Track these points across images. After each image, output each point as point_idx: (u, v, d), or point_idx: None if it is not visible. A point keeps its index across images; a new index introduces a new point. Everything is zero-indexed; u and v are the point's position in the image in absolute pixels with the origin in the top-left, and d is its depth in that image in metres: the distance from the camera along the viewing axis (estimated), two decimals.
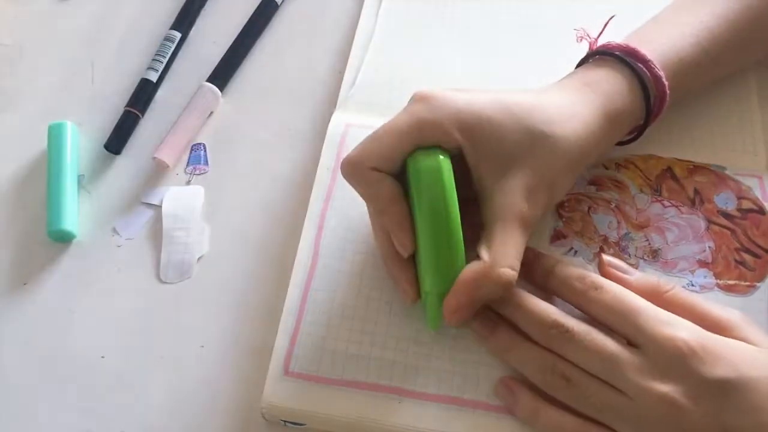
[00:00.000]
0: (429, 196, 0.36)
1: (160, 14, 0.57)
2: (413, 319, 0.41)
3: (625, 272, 0.40)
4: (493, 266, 0.36)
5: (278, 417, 0.39)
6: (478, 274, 0.36)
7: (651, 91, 0.42)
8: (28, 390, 0.42)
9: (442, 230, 0.36)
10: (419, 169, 0.37)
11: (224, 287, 0.45)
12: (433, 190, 0.36)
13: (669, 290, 0.38)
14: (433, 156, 0.37)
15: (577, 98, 0.40)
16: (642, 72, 0.41)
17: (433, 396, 0.39)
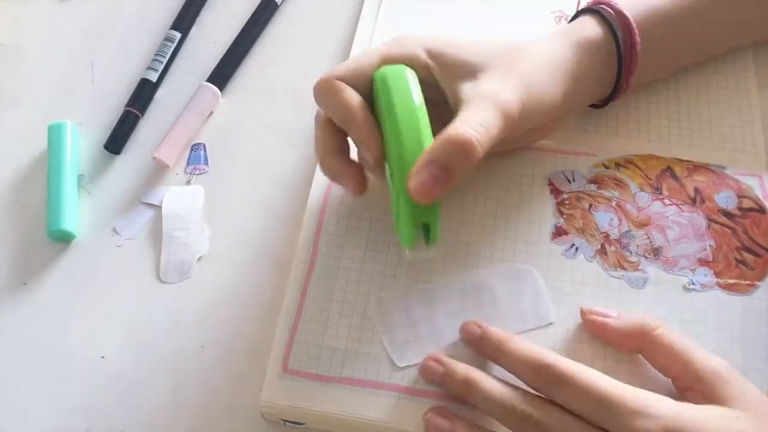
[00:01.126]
0: (398, 97, 0.37)
1: (160, 14, 0.57)
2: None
3: (606, 315, 0.39)
4: (452, 129, 0.36)
5: (277, 415, 0.39)
6: (442, 139, 0.36)
7: (614, 24, 0.43)
8: (28, 390, 0.42)
9: (413, 130, 0.36)
10: (386, 75, 0.38)
11: (224, 287, 0.45)
12: (396, 83, 0.37)
13: (655, 329, 0.37)
14: (396, 67, 0.39)
15: (546, 34, 0.43)
16: (603, 10, 0.44)
17: (433, 393, 0.39)
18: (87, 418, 0.41)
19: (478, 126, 0.36)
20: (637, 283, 0.42)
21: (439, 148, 0.36)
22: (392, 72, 0.38)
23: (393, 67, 0.39)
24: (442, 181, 0.36)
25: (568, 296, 0.41)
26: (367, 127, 0.38)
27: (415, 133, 0.36)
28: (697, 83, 0.50)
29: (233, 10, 0.56)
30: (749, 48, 0.51)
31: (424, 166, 0.36)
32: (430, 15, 0.54)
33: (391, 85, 0.38)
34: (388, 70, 0.39)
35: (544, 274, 0.42)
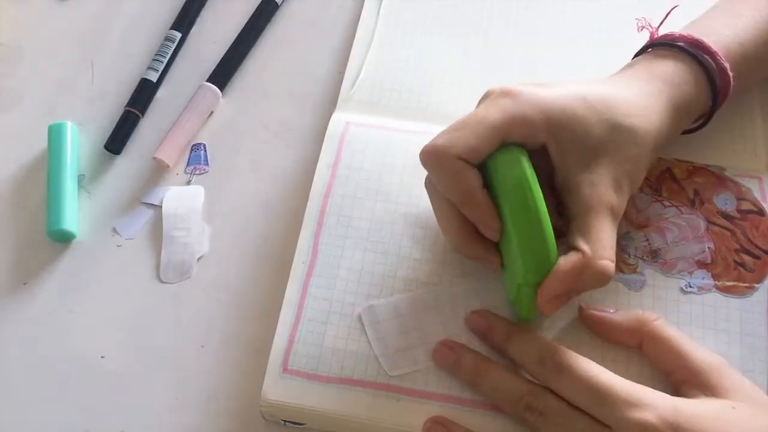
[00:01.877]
0: (517, 191, 0.37)
1: (160, 14, 0.57)
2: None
3: (604, 311, 0.40)
4: (595, 258, 0.36)
5: (277, 415, 0.40)
6: (577, 265, 0.36)
7: (716, 82, 0.42)
8: (28, 390, 0.42)
9: (533, 222, 0.36)
10: (505, 167, 0.37)
11: (224, 287, 0.45)
12: (520, 184, 0.37)
13: (655, 320, 0.38)
14: (512, 152, 0.37)
15: (649, 90, 0.41)
16: (708, 64, 0.42)
17: (432, 394, 0.39)
18: (87, 418, 0.41)
19: (610, 252, 0.37)
20: (634, 286, 0.42)
21: (581, 279, 0.36)
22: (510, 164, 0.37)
23: (510, 158, 0.37)
24: (571, 297, 0.38)
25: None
26: (490, 212, 0.38)
27: (538, 230, 0.36)
28: None
29: (233, 10, 0.56)
30: None
31: (563, 290, 0.37)
32: (430, 15, 0.54)
33: (511, 184, 0.37)
34: (506, 159, 0.37)
35: None
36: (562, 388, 0.36)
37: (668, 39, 0.43)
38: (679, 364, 0.37)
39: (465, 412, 0.38)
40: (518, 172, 0.37)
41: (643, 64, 0.43)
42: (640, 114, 0.39)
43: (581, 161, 0.38)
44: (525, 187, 0.37)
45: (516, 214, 0.37)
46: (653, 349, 0.38)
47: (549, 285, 0.36)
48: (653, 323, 0.38)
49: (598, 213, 0.37)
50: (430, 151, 0.37)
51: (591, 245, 0.37)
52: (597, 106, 0.39)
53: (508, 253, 0.38)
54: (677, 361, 0.37)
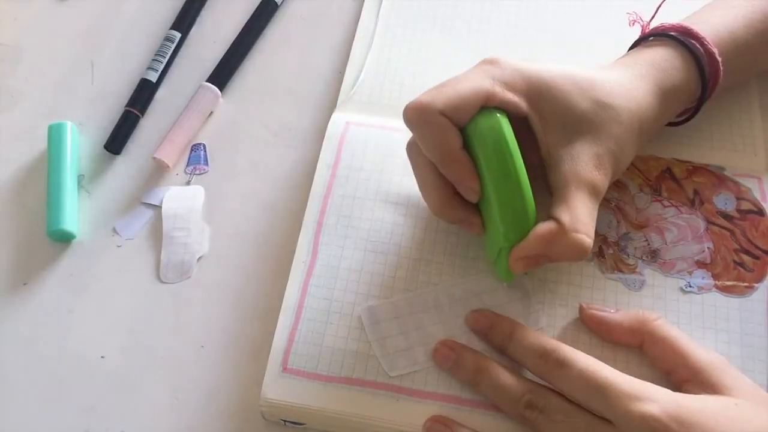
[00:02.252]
0: (496, 152, 0.37)
1: (160, 14, 0.57)
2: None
3: (604, 311, 0.40)
4: (572, 230, 0.37)
5: (277, 414, 0.40)
6: (553, 231, 0.37)
7: (705, 68, 0.42)
8: (28, 390, 0.42)
9: (512, 182, 0.37)
10: (484, 127, 0.37)
11: (224, 287, 0.45)
12: (500, 145, 0.37)
13: (655, 319, 0.38)
14: (492, 114, 0.38)
15: (635, 73, 0.41)
16: (696, 49, 0.42)
17: (432, 394, 0.39)
18: (87, 418, 0.41)
19: (587, 227, 0.37)
20: (634, 286, 0.42)
21: (555, 247, 0.37)
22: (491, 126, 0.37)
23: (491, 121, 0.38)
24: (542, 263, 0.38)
25: (565, 298, 0.41)
26: (469, 172, 0.38)
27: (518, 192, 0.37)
28: None
29: (233, 10, 0.56)
30: None
31: (534, 253, 0.37)
32: (430, 15, 0.54)
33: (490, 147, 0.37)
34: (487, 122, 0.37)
35: (541, 276, 0.42)
36: (563, 384, 0.36)
37: (659, 30, 0.44)
38: (680, 362, 0.37)
39: (465, 412, 0.38)
40: (498, 133, 0.37)
41: (632, 53, 0.43)
42: (625, 94, 0.40)
43: (563, 136, 0.39)
44: (504, 148, 0.37)
45: (495, 175, 0.37)
46: (654, 349, 0.38)
47: (523, 245, 0.37)
48: (654, 323, 0.38)
49: (578, 187, 0.38)
50: (413, 107, 0.38)
51: (569, 217, 0.37)
52: (580, 83, 0.39)
53: (489, 216, 0.39)
54: (678, 359, 0.37)
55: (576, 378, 0.35)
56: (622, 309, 0.41)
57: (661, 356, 0.38)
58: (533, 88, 0.38)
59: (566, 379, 0.36)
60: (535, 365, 0.37)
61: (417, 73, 0.51)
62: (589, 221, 0.37)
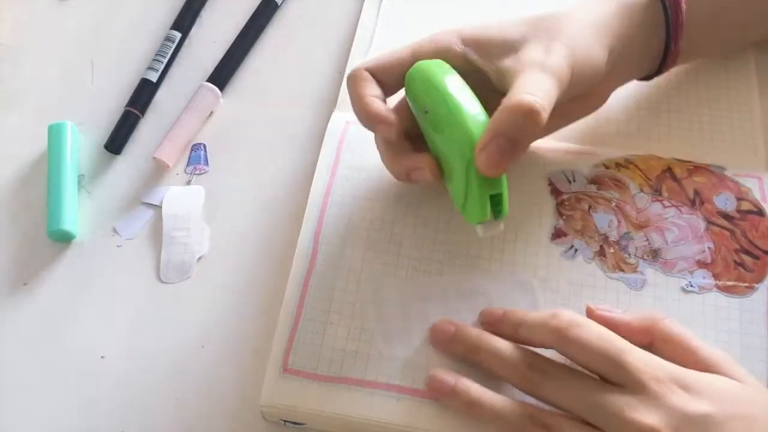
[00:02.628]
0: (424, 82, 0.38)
1: (160, 14, 0.57)
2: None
3: (612, 311, 0.39)
4: (512, 96, 0.36)
5: (277, 415, 0.39)
6: (503, 106, 0.36)
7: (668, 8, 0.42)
8: (29, 390, 0.42)
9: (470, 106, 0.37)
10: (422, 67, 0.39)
11: (224, 287, 0.45)
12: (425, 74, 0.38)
13: (663, 318, 0.38)
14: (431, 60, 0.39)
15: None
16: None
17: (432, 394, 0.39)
18: (87, 418, 0.41)
19: (537, 91, 0.36)
20: (635, 285, 0.42)
21: (503, 119, 0.35)
22: (428, 64, 0.39)
23: (427, 62, 0.39)
24: (510, 152, 0.36)
25: (567, 297, 0.41)
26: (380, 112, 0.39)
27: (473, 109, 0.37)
28: (697, 83, 0.50)
29: (233, 10, 0.56)
30: (751, 48, 0.51)
31: (491, 140, 0.35)
32: (430, 15, 0.54)
33: (432, 71, 0.38)
34: (422, 64, 0.39)
35: (542, 276, 0.42)
36: (576, 350, 0.36)
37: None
38: (691, 359, 0.37)
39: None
40: (423, 66, 0.39)
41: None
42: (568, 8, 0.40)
43: (506, 53, 0.39)
44: (430, 74, 0.38)
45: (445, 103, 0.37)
46: (666, 347, 0.38)
47: (481, 139, 0.36)
48: (663, 321, 0.38)
49: (526, 70, 0.37)
50: (349, 74, 0.40)
51: (513, 90, 0.36)
52: (519, 18, 0.40)
53: (446, 157, 0.39)
54: (690, 356, 0.37)
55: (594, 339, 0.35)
56: (624, 308, 0.41)
57: (672, 354, 0.37)
58: (463, 33, 0.40)
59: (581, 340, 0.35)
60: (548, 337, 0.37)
61: None
62: (538, 88, 0.36)
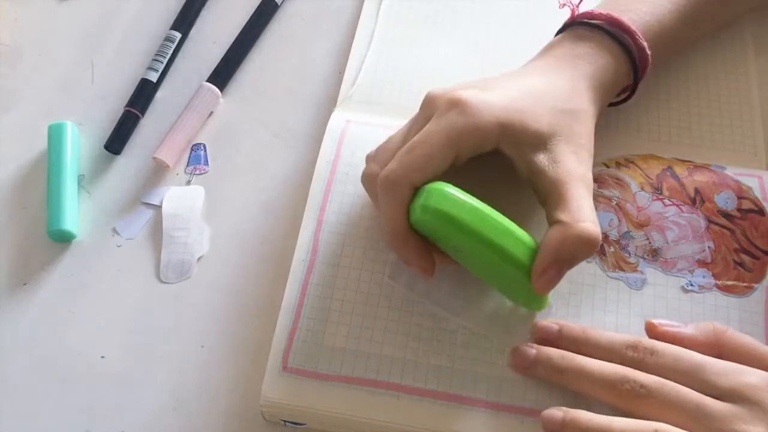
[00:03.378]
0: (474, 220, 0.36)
1: (160, 14, 0.57)
2: (412, 314, 0.41)
3: (676, 326, 0.39)
4: (575, 222, 0.36)
5: (277, 414, 0.39)
6: (560, 232, 0.36)
7: (636, 62, 0.44)
8: (28, 390, 0.42)
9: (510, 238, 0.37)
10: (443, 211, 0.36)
11: (224, 287, 0.45)
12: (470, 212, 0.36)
13: (726, 330, 0.38)
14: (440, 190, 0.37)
15: (576, 75, 0.42)
16: (627, 43, 0.43)
17: (432, 393, 0.39)
18: (87, 418, 0.41)
19: (591, 216, 0.37)
20: (635, 284, 0.42)
21: (565, 246, 0.36)
22: (444, 202, 0.36)
23: (440, 196, 0.37)
24: (563, 272, 0.37)
25: (567, 297, 0.41)
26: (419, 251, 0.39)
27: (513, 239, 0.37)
28: (697, 83, 0.50)
29: (233, 10, 0.56)
30: (750, 48, 0.51)
31: (552, 266, 0.37)
32: (430, 15, 0.54)
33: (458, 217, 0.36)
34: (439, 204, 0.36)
35: None
36: (658, 370, 0.36)
37: (587, 17, 0.44)
38: (763, 365, 0.37)
39: (464, 410, 0.38)
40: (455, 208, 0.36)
41: (567, 49, 0.44)
42: (576, 97, 0.41)
43: (537, 148, 0.39)
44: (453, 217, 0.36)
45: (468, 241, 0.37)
46: (734, 357, 0.38)
47: (537, 265, 0.37)
48: (727, 333, 0.38)
49: (571, 183, 0.38)
50: (386, 179, 0.38)
51: (569, 213, 0.37)
52: (540, 98, 0.40)
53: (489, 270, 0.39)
54: (762, 362, 0.37)
55: (672, 361, 0.36)
56: (625, 309, 0.41)
57: (743, 363, 0.37)
58: (502, 122, 0.38)
59: (661, 366, 0.36)
60: (627, 356, 0.37)
61: (417, 73, 0.51)
62: (590, 211, 0.37)
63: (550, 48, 0.44)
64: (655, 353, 0.37)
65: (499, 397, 0.39)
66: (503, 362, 0.40)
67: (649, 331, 0.39)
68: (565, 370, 0.37)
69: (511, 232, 0.37)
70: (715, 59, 0.51)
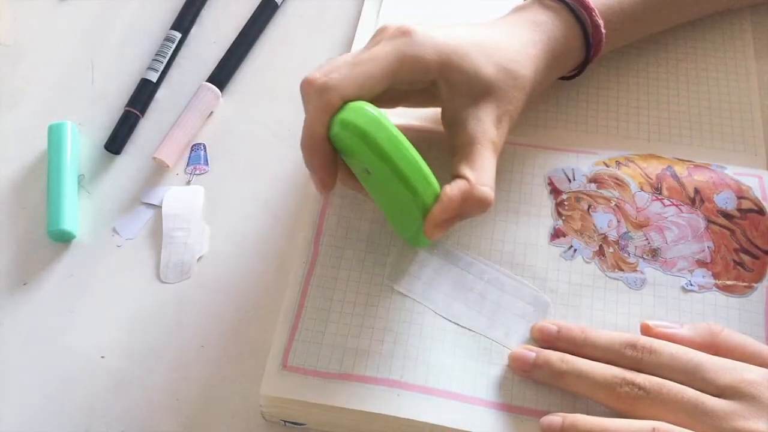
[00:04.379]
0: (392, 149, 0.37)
1: (160, 14, 0.57)
2: (412, 313, 0.41)
3: (671, 327, 0.39)
4: (477, 184, 0.38)
5: (277, 414, 0.40)
6: (463, 190, 0.38)
7: (590, 38, 0.45)
8: (29, 390, 0.42)
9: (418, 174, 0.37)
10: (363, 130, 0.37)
11: (224, 287, 0.45)
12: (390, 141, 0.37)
13: (722, 330, 0.38)
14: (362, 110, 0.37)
15: (530, 39, 0.43)
16: (584, 19, 0.44)
17: (432, 390, 0.39)
18: (87, 418, 0.41)
19: (491, 181, 0.39)
20: (635, 285, 0.42)
21: (462, 202, 0.38)
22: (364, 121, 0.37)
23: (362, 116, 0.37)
24: (455, 222, 0.40)
25: (566, 298, 0.41)
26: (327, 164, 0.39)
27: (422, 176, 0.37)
28: (697, 83, 0.50)
29: (233, 10, 0.57)
30: (750, 48, 0.51)
31: (448, 218, 0.38)
32: (430, 15, 0.54)
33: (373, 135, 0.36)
34: (359, 120, 0.37)
35: (542, 276, 0.42)
36: (656, 369, 0.36)
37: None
38: (760, 363, 0.37)
39: (464, 408, 0.38)
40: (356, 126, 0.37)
41: (529, 14, 0.45)
42: (522, 60, 0.42)
43: (469, 98, 0.41)
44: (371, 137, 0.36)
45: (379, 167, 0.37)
46: (732, 356, 0.38)
47: (437, 212, 0.38)
48: (723, 334, 0.38)
49: (483, 145, 0.40)
50: (311, 82, 0.38)
51: (475, 173, 0.39)
52: (487, 49, 0.41)
53: (390, 198, 0.39)
54: (757, 360, 0.37)
55: (670, 360, 0.36)
56: (624, 309, 0.41)
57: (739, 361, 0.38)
58: (443, 59, 0.40)
59: (659, 365, 0.36)
60: (626, 355, 0.37)
61: None
62: (492, 175, 0.40)
63: (516, 10, 0.46)
64: (654, 352, 0.37)
65: (498, 395, 0.39)
66: (503, 361, 0.40)
67: (644, 333, 0.39)
68: (564, 374, 0.38)
69: (421, 169, 0.37)
70: (715, 59, 0.51)
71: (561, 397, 0.38)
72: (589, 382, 0.37)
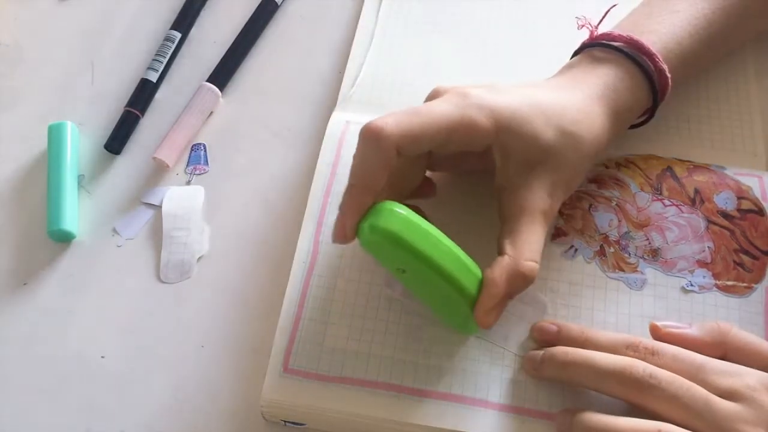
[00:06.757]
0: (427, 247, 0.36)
1: (160, 14, 0.57)
2: (413, 316, 0.41)
3: (680, 327, 0.39)
4: (518, 260, 0.37)
5: (278, 415, 0.39)
6: (506, 270, 0.37)
7: (656, 85, 0.43)
8: (29, 390, 0.42)
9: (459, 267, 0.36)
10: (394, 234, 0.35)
11: (224, 287, 0.45)
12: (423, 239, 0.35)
13: (731, 329, 0.38)
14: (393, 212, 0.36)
15: (592, 95, 0.41)
16: (647, 66, 0.42)
17: (432, 393, 0.39)
18: (87, 418, 0.41)
19: (537, 255, 0.38)
20: (635, 285, 0.42)
21: (509, 282, 0.37)
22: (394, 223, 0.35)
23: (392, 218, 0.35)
24: (506, 303, 0.38)
25: (567, 298, 0.41)
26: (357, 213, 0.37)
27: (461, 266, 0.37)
28: (697, 84, 0.50)
29: (233, 10, 0.56)
30: (750, 49, 0.51)
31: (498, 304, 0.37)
32: (430, 15, 0.54)
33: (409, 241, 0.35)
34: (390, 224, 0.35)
35: (542, 275, 0.42)
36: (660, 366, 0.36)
37: (606, 39, 0.43)
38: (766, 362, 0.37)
39: (465, 410, 0.38)
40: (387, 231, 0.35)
41: (585, 68, 0.43)
42: (585, 120, 0.40)
43: (524, 165, 0.39)
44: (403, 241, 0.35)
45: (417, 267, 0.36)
46: (740, 355, 0.38)
47: (485, 301, 0.37)
48: (731, 333, 0.38)
49: (532, 216, 0.38)
50: (373, 129, 0.36)
51: (517, 248, 0.37)
52: (547, 112, 0.39)
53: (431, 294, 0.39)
54: (765, 360, 0.37)
55: (672, 362, 0.36)
56: (625, 309, 0.41)
57: (747, 361, 0.37)
58: (500, 123, 0.38)
59: (662, 365, 0.36)
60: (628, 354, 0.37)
61: (417, 73, 0.51)
62: (537, 248, 0.38)
63: (568, 68, 0.44)
64: (656, 353, 0.37)
65: (499, 397, 0.39)
66: (503, 363, 0.40)
67: (653, 333, 0.39)
68: (569, 364, 0.37)
69: (460, 259, 0.36)
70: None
71: (562, 398, 0.38)
72: (595, 370, 0.36)
